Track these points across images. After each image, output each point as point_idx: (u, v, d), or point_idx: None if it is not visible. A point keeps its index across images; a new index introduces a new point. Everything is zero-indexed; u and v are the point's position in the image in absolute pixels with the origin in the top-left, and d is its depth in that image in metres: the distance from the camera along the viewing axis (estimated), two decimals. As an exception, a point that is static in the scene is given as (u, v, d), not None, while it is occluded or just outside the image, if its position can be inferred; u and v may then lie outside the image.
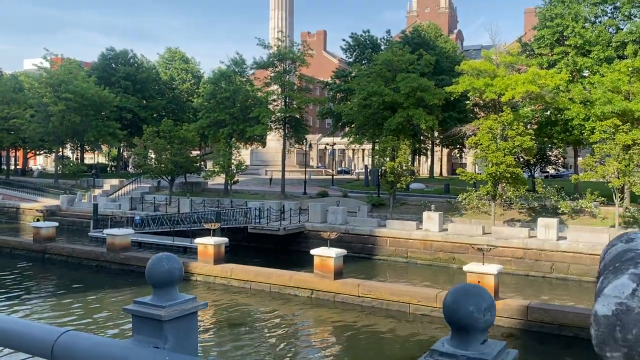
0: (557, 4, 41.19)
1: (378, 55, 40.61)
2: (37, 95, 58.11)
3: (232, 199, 42.59)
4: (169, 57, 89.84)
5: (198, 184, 51.02)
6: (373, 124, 39.96)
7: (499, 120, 32.23)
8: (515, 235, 30.57)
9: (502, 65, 36.28)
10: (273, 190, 49.44)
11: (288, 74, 44.75)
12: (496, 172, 30.81)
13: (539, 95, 34.80)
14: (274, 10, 75.16)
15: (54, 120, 54.46)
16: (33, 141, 61.43)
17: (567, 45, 40.28)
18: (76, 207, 48.70)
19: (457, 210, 37.85)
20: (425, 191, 47.35)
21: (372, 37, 59.69)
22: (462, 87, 36.21)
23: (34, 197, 52.64)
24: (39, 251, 31.75)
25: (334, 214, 36.13)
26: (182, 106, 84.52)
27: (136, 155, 47.98)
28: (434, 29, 73.67)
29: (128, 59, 77.33)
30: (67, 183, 58.15)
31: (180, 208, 42.36)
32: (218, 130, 45.92)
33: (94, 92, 57.55)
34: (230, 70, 46.51)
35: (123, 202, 45.99)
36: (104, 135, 58.96)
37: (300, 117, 46.19)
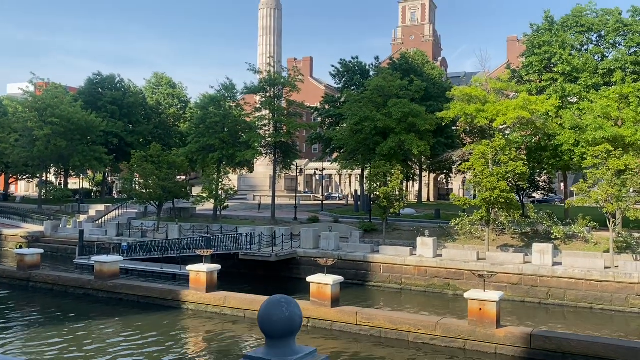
0: (545, 32, 41.92)
1: (369, 81, 40.79)
2: (22, 119, 57.22)
3: (222, 225, 41.92)
4: (156, 82, 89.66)
5: (186, 209, 50.29)
6: (365, 149, 39.89)
7: (491, 145, 32.30)
8: (510, 261, 30.37)
9: (493, 91, 36.58)
10: (263, 215, 48.89)
11: (278, 99, 44.70)
12: (490, 198, 30.74)
13: (529, 121, 35.07)
14: (262, 36, 75.59)
15: (39, 144, 53.55)
16: (17, 166, 60.31)
17: (555, 72, 40.85)
18: (61, 233, 47.60)
19: (449, 235, 37.63)
20: (415, 216, 47.16)
21: (360, 63, 60.16)
22: (454, 112, 36.39)
23: (17, 223, 51.37)
24: (23, 279, 30.72)
25: (327, 240, 35.68)
26: (169, 131, 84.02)
27: (124, 181, 47.22)
28: (421, 56, 74.67)
29: (115, 84, 76.90)
30: (51, 209, 56.97)
31: (169, 234, 41.56)
32: (207, 155, 45.46)
33: (81, 116, 56.87)
34: (220, 95, 46.30)
35: (109, 228, 45.04)
36: (90, 160, 58.07)
37: (291, 142, 45.98)
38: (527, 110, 33.73)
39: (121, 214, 51.69)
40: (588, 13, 43.92)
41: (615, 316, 26.68)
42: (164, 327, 23.32)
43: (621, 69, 39.87)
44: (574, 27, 42.81)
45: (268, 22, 75.68)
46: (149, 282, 32.55)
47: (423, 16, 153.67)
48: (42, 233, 47.75)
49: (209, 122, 44.98)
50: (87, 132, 58.59)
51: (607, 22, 42.28)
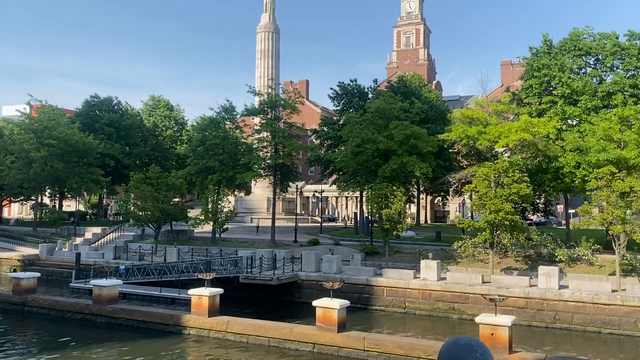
0: (543, 55, 42.22)
1: (370, 103, 40.79)
2: (18, 141, 56.80)
3: (222, 248, 41.37)
4: (153, 105, 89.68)
5: (184, 232, 49.67)
6: (366, 171, 39.67)
7: (494, 167, 32.15)
8: (515, 284, 29.97)
9: (493, 114, 36.62)
10: (262, 238, 48.34)
11: (278, 121, 44.61)
12: (494, 220, 30.46)
13: (531, 143, 35.04)
14: (260, 59, 75.98)
15: (36, 166, 53.05)
16: (12, 188, 59.63)
17: (555, 95, 41.04)
18: (56, 256, 46.82)
19: (452, 258, 37.22)
20: (415, 239, 46.71)
21: (359, 86, 60.40)
22: (456, 134, 36.34)
23: (11, 246, 50.51)
24: (19, 303, 29.99)
25: (328, 263, 35.20)
26: (165, 153, 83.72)
27: (122, 203, 46.68)
28: (418, 79, 75.17)
29: (112, 106, 76.80)
30: (46, 231, 56.20)
31: (167, 257, 40.97)
32: (206, 176, 45.12)
33: (78, 138, 56.54)
34: (220, 117, 46.18)
35: (106, 251, 44.36)
36: (87, 182, 57.54)
37: (290, 164, 45.76)
38: (529, 133, 33.71)
39: (118, 236, 50.98)
40: (585, 37, 44.37)
41: (625, 341, 26.24)
42: (165, 353, 22.68)
43: (620, 91, 40.12)
44: (572, 51, 43.18)
45: (266, 45, 76.20)
46: (148, 306, 31.90)
47: (417, 41, 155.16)
48: (37, 256, 46.97)
49: (209, 144, 44.75)
50: (85, 154, 58.19)
51: (605, 46, 42.69)
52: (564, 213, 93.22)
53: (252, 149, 46.07)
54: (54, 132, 54.47)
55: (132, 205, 43.44)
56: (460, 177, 38.62)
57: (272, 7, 78.84)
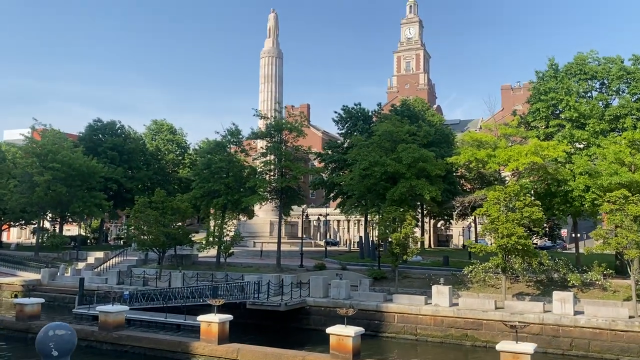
0: (550, 79, 42.30)
1: (378, 126, 40.67)
2: (21, 165, 56.55)
3: (227, 273, 40.75)
4: (156, 129, 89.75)
5: (188, 256, 49.05)
6: (373, 195, 39.32)
7: (505, 191, 31.84)
8: (529, 310, 29.37)
9: (502, 137, 36.48)
10: (266, 262, 47.74)
11: (284, 144, 44.45)
12: (507, 244, 30.02)
13: (541, 166, 34.81)
14: (263, 83, 76.40)
15: (39, 190, 52.69)
16: (13, 212, 59.14)
17: (562, 118, 40.99)
18: (58, 281, 46.13)
19: (462, 283, 36.63)
20: (423, 263, 46.11)
21: (363, 109, 60.50)
22: (464, 157, 36.14)
23: (13, 271, 49.85)
24: (22, 330, 29.33)
25: (337, 288, 34.58)
26: (168, 177, 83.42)
27: (127, 227, 46.17)
28: (421, 103, 75.53)
29: (115, 130, 76.79)
30: (48, 256, 55.53)
31: (172, 282, 40.29)
32: (211, 200, 44.74)
33: (82, 162, 56.33)
34: (225, 140, 46.01)
35: (110, 276, 43.69)
36: (90, 206, 57.12)
37: (296, 188, 45.45)
38: (539, 156, 33.50)
39: (121, 261, 50.33)
40: (590, 61, 44.50)
41: (644, 368, 25.60)
42: (174, 382, 22.01)
43: (628, 115, 40.08)
44: (578, 75, 43.24)
45: (269, 70, 76.72)
46: (153, 332, 31.23)
47: (418, 65, 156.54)
48: (39, 281, 46.28)
49: (214, 168, 44.47)
50: (88, 177, 57.89)
51: (610, 70, 42.76)
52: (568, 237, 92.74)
53: (257, 172, 45.81)
54: (57, 155, 54.26)
55: (137, 229, 42.87)
56: (470, 200, 38.29)
57: (275, 32, 79.64)
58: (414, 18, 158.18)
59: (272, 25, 79.98)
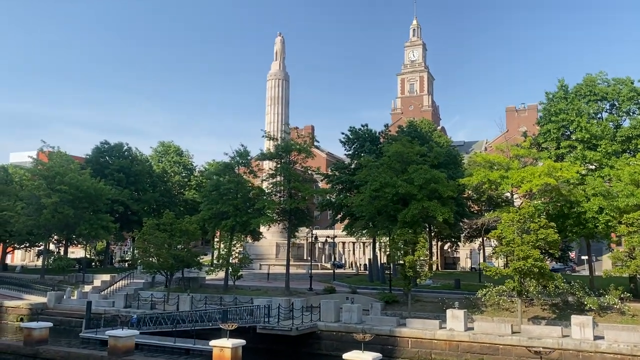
0: (560, 100, 42.19)
1: (388, 147, 40.46)
2: (29, 187, 56.44)
3: (236, 296, 40.18)
4: (162, 150, 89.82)
5: (195, 279, 48.47)
6: (384, 217, 38.93)
7: (519, 213, 31.44)
8: (547, 335, 28.70)
9: (514, 158, 36.22)
10: (275, 285, 47.14)
11: (293, 165, 44.25)
12: (523, 267, 29.50)
13: (554, 187, 34.44)
14: (270, 105, 76.66)
15: (46, 212, 52.47)
16: (20, 234, 58.81)
17: (573, 139, 40.76)
18: (65, 304, 45.55)
19: (476, 307, 35.97)
20: (434, 287, 45.42)
21: (370, 130, 60.37)
22: (477, 178, 35.84)
23: (18, 294, 49.28)
24: (30, 355, 28.85)
25: (349, 312, 33.97)
26: (174, 199, 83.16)
27: (137, 250, 45.72)
28: (427, 124, 75.55)
29: (123, 152, 76.83)
30: (54, 278, 55.04)
31: (180, 306, 39.77)
32: (220, 222, 44.38)
33: (90, 184, 56.20)
34: (234, 162, 45.84)
35: (117, 299, 43.15)
36: (97, 228, 56.79)
37: (305, 209, 45.11)
38: (552, 177, 33.17)
39: (127, 284, 49.79)
40: (600, 82, 44.45)
41: (669, 396, 24.85)
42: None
43: (639, 136, 39.85)
44: (588, 96, 43.18)
45: (276, 92, 77.08)
46: (163, 357, 30.67)
47: (422, 87, 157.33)
48: (45, 305, 45.69)
49: (223, 189, 44.23)
50: (95, 200, 57.67)
51: (621, 91, 42.67)
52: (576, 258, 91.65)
53: (266, 194, 45.54)
54: (65, 177, 54.16)
55: (145, 251, 42.43)
56: (483, 222, 37.83)
57: (282, 55, 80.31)
58: (418, 41, 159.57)
59: (278, 49, 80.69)
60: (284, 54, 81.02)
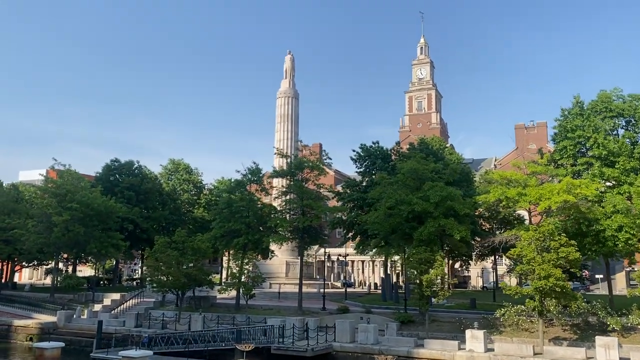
0: (575, 117, 41.76)
1: (403, 164, 40.10)
2: (40, 205, 56.33)
3: (249, 315, 39.54)
4: (172, 168, 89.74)
5: (206, 298, 47.87)
6: (399, 235, 38.38)
7: (539, 230, 30.83)
8: (570, 356, 27.96)
9: (532, 175, 35.73)
10: (287, 305, 46.46)
11: (305, 182, 43.90)
12: (544, 286, 28.80)
13: (573, 205, 33.85)
14: (280, 123, 76.80)
15: (57, 230, 52.23)
16: (30, 252, 58.54)
17: (590, 156, 40.22)
18: (75, 323, 45.05)
19: (494, 327, 35.18)
20: (449, 306, 44.61)
21: (382, 147, 60.05)
22: (494, 196, 35.33)
23: (28, 313, 48.81)
24: (41, 377, 28.25)
25: (365, 333, 33.27)
26: (183, 217, 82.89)
27: (146, 268, 45.30)
28: (438, 141, 75.13)
29: (133, 170, 76.73)
30: (63, 297, 54.59)
31: (192, 325, 39.12)
32: (232, 240, 43.96)
33: (100, 202, 56.03)
34: (246, 179, 45.55)
35: (128, 318, 42.59)
36: (107, 246, 56.45)
37: (318, 227, 44.64)
38: (571, 194, 32.62)
39: (137, 302, 49.31)
40: (615, 99, 44.02)
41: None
42: None
43: (657, 153, 39.29)
44: (604, 112, 42.70)
45: (286, 110, 77.30)
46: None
47: (430, 105, 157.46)
48: (54, 324, 45.23)
49: (235, 207, 43.87)
50: (106, 218, 57.44)
51: (637, 108, 42.20)
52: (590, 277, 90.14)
53: (278, 211, 45.14)
54: (76, 195, 54.01)
55: (156, 269, 41.96)
56: (500, 240, 37.25)
57: (291, 74, 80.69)
58: (425, 59, 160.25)
59: (288, 67, 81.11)
60: (294, 71, 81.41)
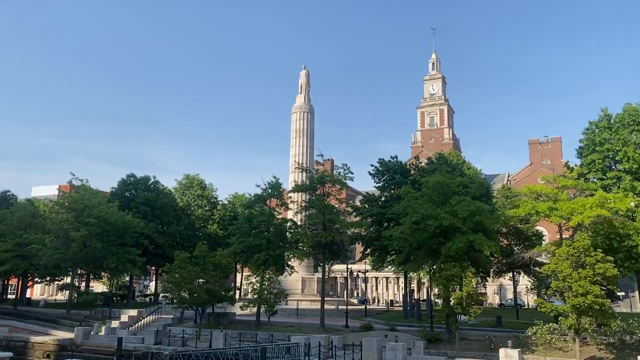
0: (604, 130, 41.00)
1: (428, 178, 39.42)
2: (57, 220, 56.05)
3: (272, 333, 38.64)
4: (187, 183, 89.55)
5: (225, 315, 47.03)
6: (425, 250, 37.54)
7: (573, 246, 29.91)
8: (611, 377, 26.84)
9: (562, 190, 34.92)
10: (308, 322, 45.55)
11: (327, 197, 43.25)
12: (582, 304, 27.81)
13: (606, 219, 32.93)
14: (295, 138, 76.34)
15: (74, 246, 51.82)
16: (46, 268, 58.14)
17: (620, 170, 39.38)
18: (92, 340, 44.35)
19: (525, 345, 34.07)
20: (472, 324, 43.45)
21: (400, 162, 59.50)
22: (524, 210, 34.52)
23: (44, 329, 48.28)
24: (64, 395, 27.48)
25: (393, 352, 32.26)
26: (197, 232, 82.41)
27: (169, 285, 44.64)
28: (456, 156, 74.39)
29: (148, 185, 76.48)
30: (79, 313, 54.03)
31: (213, 343, 38.27)
32: (252, 255, 43.29)
33: (118, 217, 55.65)
34: (267, 194, 44.99)
35: (147, 335, 41.85)
36: (124, 262, 55.95)
37: (340, 242, 43.89)
38: (605, 209, 31.75)
39: (155, 319, 48.60)
40: (642, 112, 43.31)
41: None
42: None
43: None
44: (632, 125, 41.95)
45: (301, 125, 76.87)
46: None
47: (442, 121, 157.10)
48: (72, 340, 44.54)
49: (256, 222, 43.25)
50: (123, 233, 57.02)
51: (665, 120, 41.46)
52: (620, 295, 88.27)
53: (298, 226, 44.48)
54: (94, 210, 53.67)
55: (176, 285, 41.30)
56: (531, 256, 36.32)
57: (307, 88, 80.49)
58: (437, 74, 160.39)
59: (303, 82, 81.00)
60: (309, 86, 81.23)
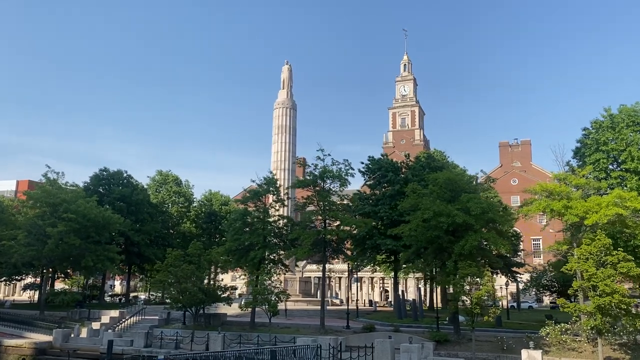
0: (607, 130, 40.90)
1: (438, 174, 38.29)
2: (30, 215, 52.38)
3: (274, 335, 36.76)
4: (161, 180, 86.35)
5: (216, 316, 44.68)
6: (433, 248, 36.41)
7: (594, 245, 29.30)
8: (637, 379, 26.27)
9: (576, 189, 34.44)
10: (303, 323, 43.83)
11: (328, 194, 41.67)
12: (609, 304, 27.18)
13: (619, 219, 32.53)
14: (277, 134, 74.47)
15: (51, 242, 48.31)
16: (16, 266, 54.30)
17: (624, 170, 39.29)
18: (73, 343, 41.38)
19: (537, 347, 33.33)
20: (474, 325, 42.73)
21: (391, 160, 58.56)
22: (537, 208, 33.80)
23: (19, 332, 44.83)
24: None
25: (407, 353, 30.92)
26: (169, 231, 79.46)
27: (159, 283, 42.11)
28: (439, 155, 74.01)
29: (122, 180, 73.08)
30: (54, 315, 50.62)
31: (210, 345, 36.15)
32: (247, 253, 41.27)
33: (97, 212, 52.43)
34: (263, 190, 43.03)
35: (136, 337, 39.22)
36: (103, 260, 52.73)
37: (341, 239, 42.40)
38: (621, 207, 31.34)
39: (139, 320, 45.89)
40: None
41: None
42: None
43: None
44: (631, 126, 42.03)
45: (283, 121, 75.10)
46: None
47: (413, 122, 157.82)
48: (50, 343, 41.49)
49: (251, 219, 41.28)
50: (102, 229, 53.77)
51: (666, 121, 41.70)
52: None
53: (297, 223, 42.77)
54: (72, 205, 50.33)
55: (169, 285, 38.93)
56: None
57: (289, 84, 78.80)
58: (409, 76, 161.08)
59: (285, 77, 79.28)
60: (291, 82, 79.59)
